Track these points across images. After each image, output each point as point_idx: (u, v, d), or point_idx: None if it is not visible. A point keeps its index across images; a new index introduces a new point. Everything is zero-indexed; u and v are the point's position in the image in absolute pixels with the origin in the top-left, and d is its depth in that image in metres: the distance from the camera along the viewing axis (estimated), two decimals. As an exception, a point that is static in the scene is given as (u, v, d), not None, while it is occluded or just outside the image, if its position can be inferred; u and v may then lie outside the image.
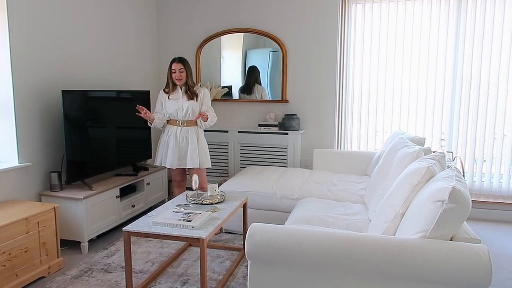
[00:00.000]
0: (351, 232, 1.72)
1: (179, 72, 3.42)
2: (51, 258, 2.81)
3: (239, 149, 4.64)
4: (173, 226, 2.40)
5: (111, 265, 2.93)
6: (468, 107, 4.13)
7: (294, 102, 4.60)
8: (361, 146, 4.52)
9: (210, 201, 2.87)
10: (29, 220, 2.61)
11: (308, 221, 2.57)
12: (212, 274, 2.80)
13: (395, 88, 4.33)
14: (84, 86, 3.67)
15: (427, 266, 1.53)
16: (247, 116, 4.79)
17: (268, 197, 3.37)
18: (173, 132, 3.49)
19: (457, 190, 1.57)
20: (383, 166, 2.88)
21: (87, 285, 2.64)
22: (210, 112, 3.49)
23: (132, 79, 4.43)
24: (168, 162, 3.49)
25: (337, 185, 3.49)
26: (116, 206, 3.48)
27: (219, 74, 4.84)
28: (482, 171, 4.18)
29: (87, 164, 3.36)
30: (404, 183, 1.99)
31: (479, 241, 1.66)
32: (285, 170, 3.99)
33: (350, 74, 4.44)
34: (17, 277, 2.53)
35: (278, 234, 1.72)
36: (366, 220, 2.63)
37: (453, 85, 4.15)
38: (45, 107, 3.24)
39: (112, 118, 3.66)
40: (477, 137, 4.14)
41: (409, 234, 1.69)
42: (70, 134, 3.17)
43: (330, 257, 1.63)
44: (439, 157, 2.14)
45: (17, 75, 2.96)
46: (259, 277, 1.75)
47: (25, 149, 3.06)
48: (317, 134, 4.57)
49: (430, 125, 4.27)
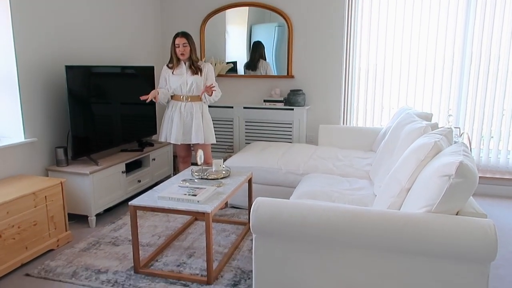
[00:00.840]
0: (356, 207, 1.72)
1: (183, 47, 3.37)
2: (59, 231, 2.85)
3: (244, 125, 4.62)
4: (178, 201, 2.42)
5: (118, 239, 2.98)
6: (477, 82, 4.06)
7: (299, 77, 4.54)
8: (367, 122, 4.48)
9: (215, 176, 2.88)
10: (37, 195, 2.64)
11: (313, 196, 2.57)
12: (218, 248, 2.84)
13: (402, 63, 4.25)
14: (87, 61, 3.64)
15: (432, 240, 1.53)
16: (252, 92, 4.75)
17: (273, 172, 3.38)
18: (177, 107, 3.47)
19: (464, 165, 1.55)
20: (389, 141, 2.85)
21: (95, 258, 2.69)
22: (216, 88, 3.46)
23: (136, 55, 4.38)
24: (172, 137, 3.49)
25: (343, 160, 3.48)
26: (122, 181, 3.51)
27: (223, 49, 4.78)
28: (489, 147, 4.14)
29: (93, 140, 3.37)
30: (411, 158, 1.98)
31: (485, 215, 1.66)
32: (290, 145, 3.98)
33: (357, 48, 4.36)
34: (27, 250, 2.59)
35: (283, 208, 1.73)
36: (371, 195, 2.63)
37: (462, 59, 4.07)
38: (49, 83, 3.22)
39: (116, 93, 3.65)
40: (485, 113, 4.08)
41: (414, 209, 1.69)
42: (75, 109, 3.17)
43: (335, 231, 1.64)
44: (446, 132, 2.11)
45: (20, 51, 2.93)
46: (264, 250, 1.77)
47: (30, 124, 3.07)
48: (323, 109, 4.53)
49: (437, 101, 4.21)
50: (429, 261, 1.58)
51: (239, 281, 2.40)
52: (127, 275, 2.47)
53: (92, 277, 2.44)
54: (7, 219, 2.43)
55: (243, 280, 2.41)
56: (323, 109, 4.53)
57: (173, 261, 2.65)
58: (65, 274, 2.48)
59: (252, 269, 2.44)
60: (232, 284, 2.37)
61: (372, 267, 1.64)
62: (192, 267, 2.56)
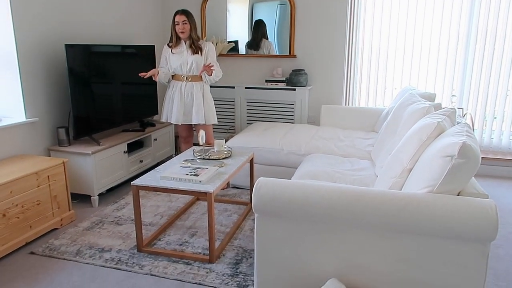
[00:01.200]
0: (357, 187, 1.72)
1: (182, 24, 3.32)
2: (62, 211, 2.88)
3: (245, 105, 4.60)
4: (181, 181, 2.43)
5: (121, 218, 3.01)
6: (482, 62, 4.01)
7: (302, 57, 4.49)
8: (369, 102, 4.45)
9: (217, 157, 2.88)
10: (39, 174, 2.65)
11: (315, 176, 2.58)
12: (220, 227, 2.86)
13: (406, 42, 4.19)
14: (87, 40, 3.60)
15: (433, 220, 1.54)
16: (254, 72, 4.70)
17: (274, 152, 3.38)
18: (177, 87, 3.45)
19: (467, 145, 1.55)
20: (391, 122, 2.84)
21: (98, 237, 2.72)
22: (215, 67, 3.42)
23: (136, 34, 4.32)
24: (173, 118, 3.47)
25: (344, 141, 3.47)
26: (124, 161, 3.52)
27: (225, 28, 4.71)
28: (492, 128, 4.12)
29: (94, 120, 3.36)
30: (413, 138, 1.97)
31: (487, 196, 1.66)
32: (292, 126, 3.97)
33: (360, 28, 4.29)
34: (31, 228, 2.62)
35: (285, 188, 1.73)
36: (373, 175, 2.63)
37: (467, 39, 4.00)
38: (49, 62, 3.20)
39: (117, 73, 3.62)
40: (489, 94, 4.04)
41: (416, 189, 1.69)
42: (76, 89, 3.15)
43: (336, 211, 1.64)
44: (449, 112, 2.09)
45: (18, 30, 2.89)
46: (265, 230, 1.78)
47: (31, 104, 3.06)
48: (325, 90, 4.50)
49: (441, 81, 4.17)
50: (429, 240, 1.59)
51: (241, 260, 2.43)
52: (131, 254, 2.50)
53: (96, 256, 2.48)
54: (11, 198, 2.45)
55: (244, 259, 2.44)
56: (325, 89, 4.50)
57: (176, 240, 2.68)
58: (69, 253, 2.51)
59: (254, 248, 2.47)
60: (234, 263, 2.40)
61: (373, 246, 1.66)
62: (194, 246, 2.60)
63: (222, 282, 2.22)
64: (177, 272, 2.31)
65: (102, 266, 2.37)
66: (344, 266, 1.71)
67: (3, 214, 2.40)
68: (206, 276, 2.27)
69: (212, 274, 2.29)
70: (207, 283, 2.21)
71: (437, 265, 1.59)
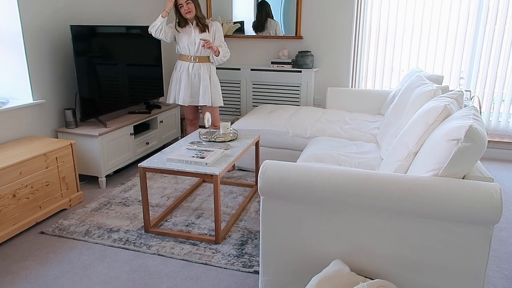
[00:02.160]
0: (362, 170, 1.73)
1: (186, 5, 3.28)
2: (71, 192, 2.92)
3: (251, 87, 4.58)
4: (187, 163, 2.45)
5: (128, 199, 3.05)
6: (491, 44, 3.94)
7: (308, 38, 4.44)
8: (376, 85, 4.42)
9: (223, 139, 2.90)
10: (48, 156, 2.69)
11: (320, 159, 2.59)
12: (226, 209, 2.90)
13: (414, 23, 4.12)
14: (93, 21, 3.58)
15: (437, 203, 1.55)
16: (260, 53, 4.67)
17: (280, 135, 3.38)
18: (185, 68, 3.44)
19: (473, 129, 1.54)
20: (398, 104, 2.82)
21: (107, 217, 2.77)
22: (223, 47, 3.40)
23: (141, 14, 4.29)
24: (180, 99, 3.47)
25: (350, 124, 3.47)
26: (130, 143, 3.55)
27: (230, 8, 4.65)
28: (500, 111, 4.08)
29: (100, 102, 3.37)
30: (419, 121, 1.96)
31: (492, 179, 1.66)
32: (297, 108, 3.96)
33: (368, 8, 4.22)
34: (40, 209, 2.67)
35: (290, 171, 1.74)
36: (378, 158, 2.64)
37: (477, 19, 3.93)
38: (55, 43, 3.19)
39: (122, 54, 3.61)
40: (498, 76, 3.99)
41: (421, 173, 1.70)
42: (82, 71, 3.15)
43: (341, 193, 1.66)
44: (457, 95, 2.08)
45: (24, 11, 2.88)
46: (271, 212, 1.80)
47: (38, 86, 3.07)
48: (332, 72, 4.46)
49: (449, 63, 4.12)
50: (433, 223, 1.60)
51: (246, 241, 2.47)
52: (138, 234, 2.55)
53: (105, 236, 2.53)
54: (20, 179, 2.49)
55: (250, 240, 2.48)
56: (331, 72, 4.46)
57: (182, 221, 2.72)
58: (78, 233, 2.57)
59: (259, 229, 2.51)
60: (240, 244, 2.44)
61: (377, 229, 1.68)
62: (200, 227, 2.64)
63: (228, 262, 2.26)
64: (184, 252, 2.35)
65: (111, 246, 2.42)
66: (348, 248, 1.74)
67: (13, 194, 2.45)
68: (212, 256, 2.31)
69: (218, 254, 2.33)
70: (213, 263, 2.25)
71: (441, 247, 1.61)
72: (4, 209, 2.40)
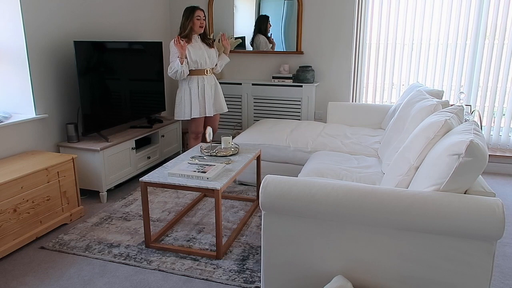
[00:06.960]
0: (364, 184, 1.73)
1: (203, 20, 3.51)
2: (72, 206, 2.92)
3: (252, 101, 4.61)
4: (188, 177, 2.45)
5: (129, 214, 3.04)
6: (491, 59, 3.97)
7: (309, 53, 4.48)
8: (376, 99, 4.44)
9: (224, 153, 2.90)
10: (49, 170, 2.69)
11: (321, 174, 2.59)
12: (227, 223, 2.89)
13: (414, 38, 4.17)
14: (96, 37, 3.62)
15: (439, 218, 1.54)
16: (261, 68, 4.71)
17: (281, 149, 3.39)
18: (203, 81, 3.59)
19: (474, 144, 1.55)
20: (399, 119, 2.84)
21: (107, 232, 2.76)
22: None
23: (144, 30, 4.34)
24: (207, 111, 3.62)
25: (351, 138, 3.47)
26: (132, 158, 3.55)
27: (232, 24, 4.71)
28: (500, 125, 4.09)
29: (102, 116, 3.39)
30: (420, 136, 1.97)
31: (494, 194, 1.66)
32: (298, 123, 3.97)
33: (368, 24, 4.27)
34: (41, 224, 2.66)
35: (292, 186, 1.74)
36: (380, 173, 2.63)
37: (476, 35, 3.97)
38: (58, 59, 3.23)
39: (125, 69, 3.64)
40: (498, 90, 4.01)
41: (422, 187, 1.70)
42: (84, 86, 3.18)
43: (343, 208, 1.65)
44: (457, 110, 2.09)
45: (28, 26, 2.92)
46: (272, 227, 1.80)
47: (41, 101, 3.09)
48: (332, 86, 4.49)
49: (449, 78, 4.14)
50: (435, 238, 1.59)
51: (247, 256, 2.45)
52: (139, 249, 2.53)
53: (105, 251, 2.51)
54: (22, 193, 2.49)
55: (251, 255, 2.47)
56: (332, 86, 4.49)
57: (183, 236, 2.71)
58: (78, 248, 2.55)
59: (261, 245, 2.49)
60: (241, 259, 2.42)
61: (380, 244, 1.67)
62: (201, 242, 2.62)
63: (229, 278, 2.24)
64: (185, 267, 2.34)
65: (111, 261, 2.41)
66: (350, 263, 1.72)
67: (14, 209, 2.44)
68: (213, 272, 2.30)
69: (219, 270, 2.31)
70: (214, 279, 2.23)
71: (443, 263, 1.60)
72: (4, 224, 2.39)
